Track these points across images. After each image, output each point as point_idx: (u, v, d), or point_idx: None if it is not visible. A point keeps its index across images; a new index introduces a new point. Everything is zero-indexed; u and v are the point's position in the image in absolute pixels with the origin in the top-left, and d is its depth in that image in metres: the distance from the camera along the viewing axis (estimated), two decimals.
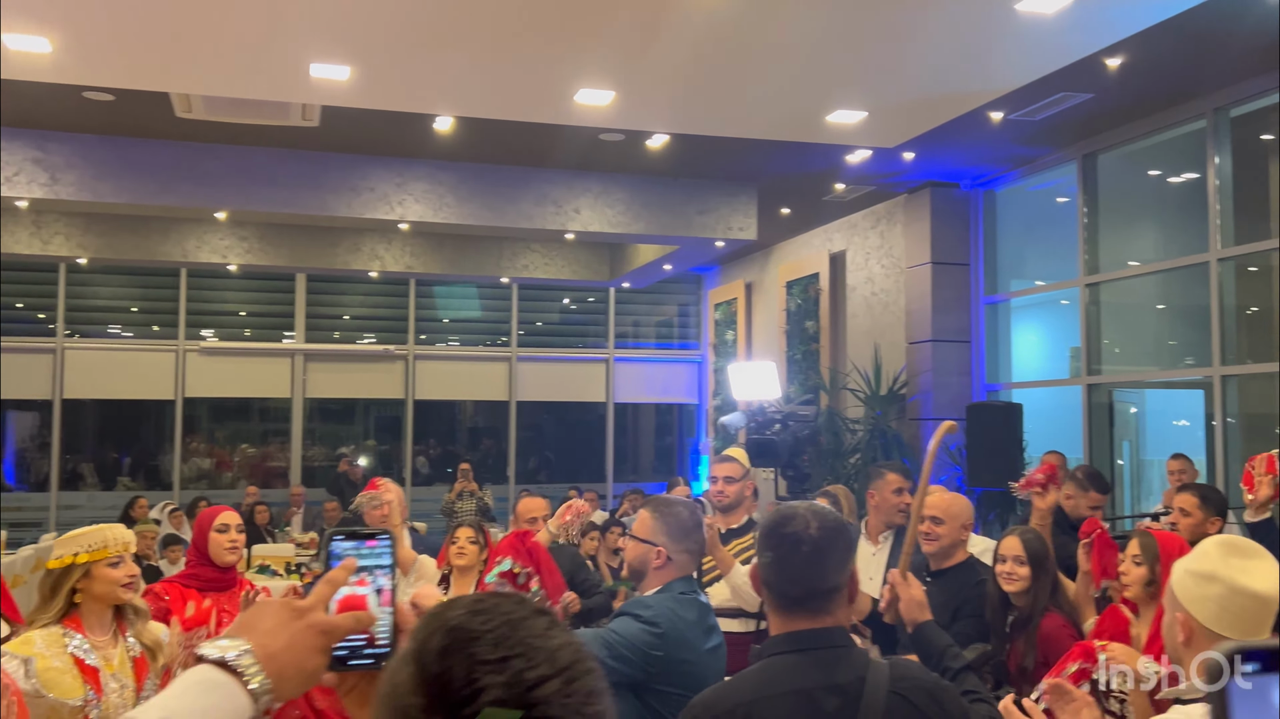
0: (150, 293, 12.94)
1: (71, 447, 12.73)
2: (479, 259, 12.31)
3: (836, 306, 10.84)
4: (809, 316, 11.09)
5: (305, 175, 8.83)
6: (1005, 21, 5.62)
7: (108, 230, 11.05)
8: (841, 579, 2.00)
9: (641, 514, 3.08)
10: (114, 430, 13.54)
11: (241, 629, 1.07)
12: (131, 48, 6.14)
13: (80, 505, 12.78)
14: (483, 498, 10.41)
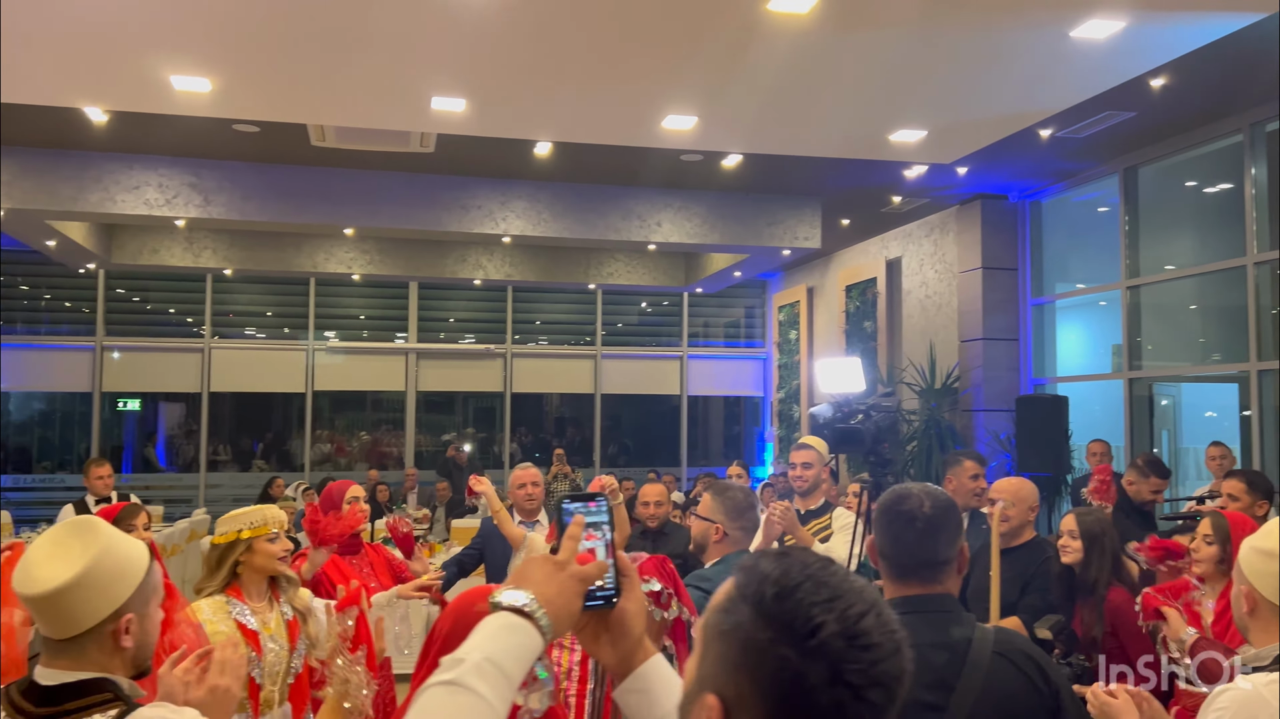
0: (283, 299, 13.26)
1: (213, 434, 13.09)
2: (569, 268, 12.41)
3: (893, 308, 10.73)
4: (867, 317, 10.99)
5: (421, 195, 8.98)
6: (1060, 47, 5.52)
7: (249, 245, 11.35)
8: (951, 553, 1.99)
9: (704, 496, 3.21)
10: (249, 420, 13.90)
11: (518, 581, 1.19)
12: (278, 86, 6.30)
13: (223, 485, 13.16)
14: (575, 479, 10.51)
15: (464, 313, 13.91)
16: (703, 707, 0.96)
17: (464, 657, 1.09)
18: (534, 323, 14.04)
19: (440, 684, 1.09)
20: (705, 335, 14.50)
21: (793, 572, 0.96)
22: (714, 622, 0.98)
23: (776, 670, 0.91)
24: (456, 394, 14.37)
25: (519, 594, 1.16)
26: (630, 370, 14.02)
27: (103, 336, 12.52)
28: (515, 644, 1.12)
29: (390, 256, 11.78)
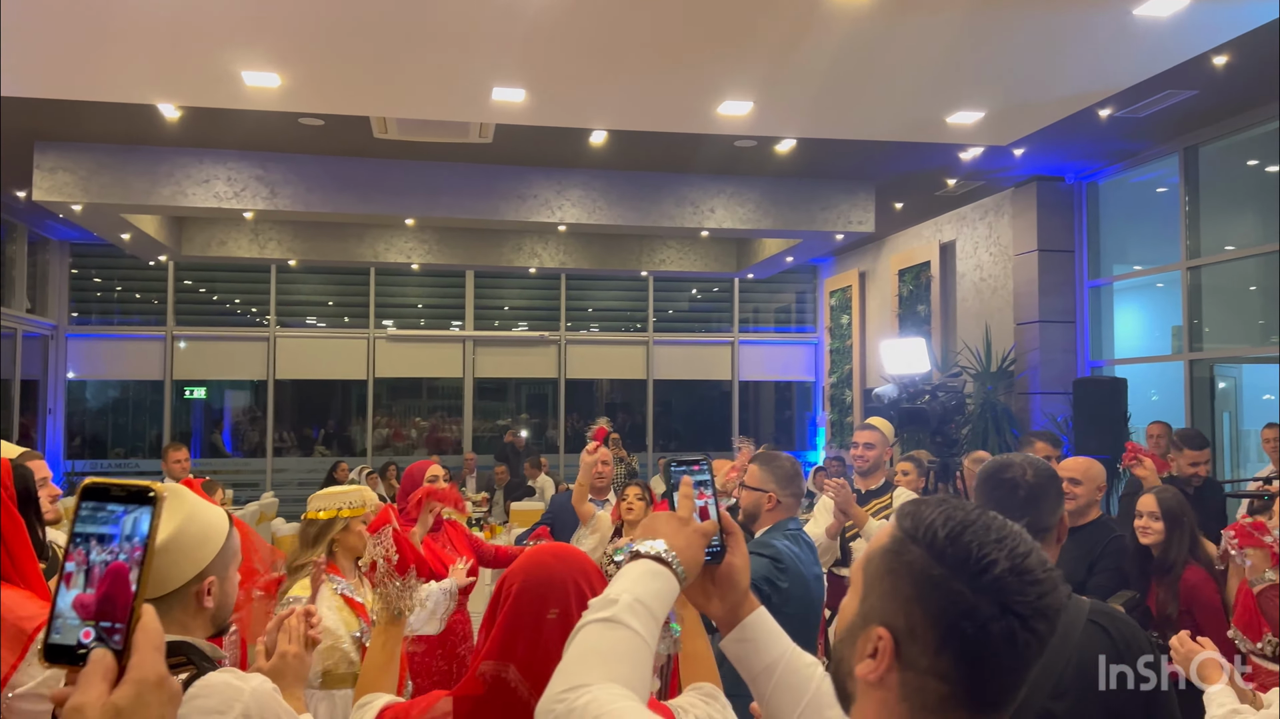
0: (344, 289, 13.47)
1: (278, 420, 13.35)
2: (622, 255, 12.44)
3: (947, 292, 10.62)
4: (920, 301, 10.90)
5: (479, 185, 9.06)
6: (1122, 25, 5.42)
7: (312, 236, 11.54)
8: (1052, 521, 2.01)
9: (751, 468, 3.29)
10: (311, 406, 14.16)
11: (648, 533, 1.28)
12: (343, 79, 6.41)
13: (288, 469, 13.43)
14: (630, 462, 10.54)
15: (519, 301, 14.02)
16: (869, 638, 1.04)
17: (616, 597, 1.18)
18: (587, 310, 14.11)
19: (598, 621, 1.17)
20: (756, 321, 14.47)
21: (959, 515, 1.04)
22: (880, 562, 1.06)
23: (950, 603, 1.00)
24: (510, 380, 14.50)
25: (657, 543, 1.26)
26: (682, 356, 14.04)
27: (173, 326, 12.82)
28: (659, 588, 1.22)
29: (448, 246, 11.91)
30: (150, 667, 0.86)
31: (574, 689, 1.11)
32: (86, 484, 0.90)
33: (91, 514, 0.89)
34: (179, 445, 7.74)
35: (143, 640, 0.87)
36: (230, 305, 13.52)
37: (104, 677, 0.85)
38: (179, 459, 7.52)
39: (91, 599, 0.87)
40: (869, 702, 1.05)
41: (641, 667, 1.16)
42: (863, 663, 1.05)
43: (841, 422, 12.69)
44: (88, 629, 0.87)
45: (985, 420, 8.77)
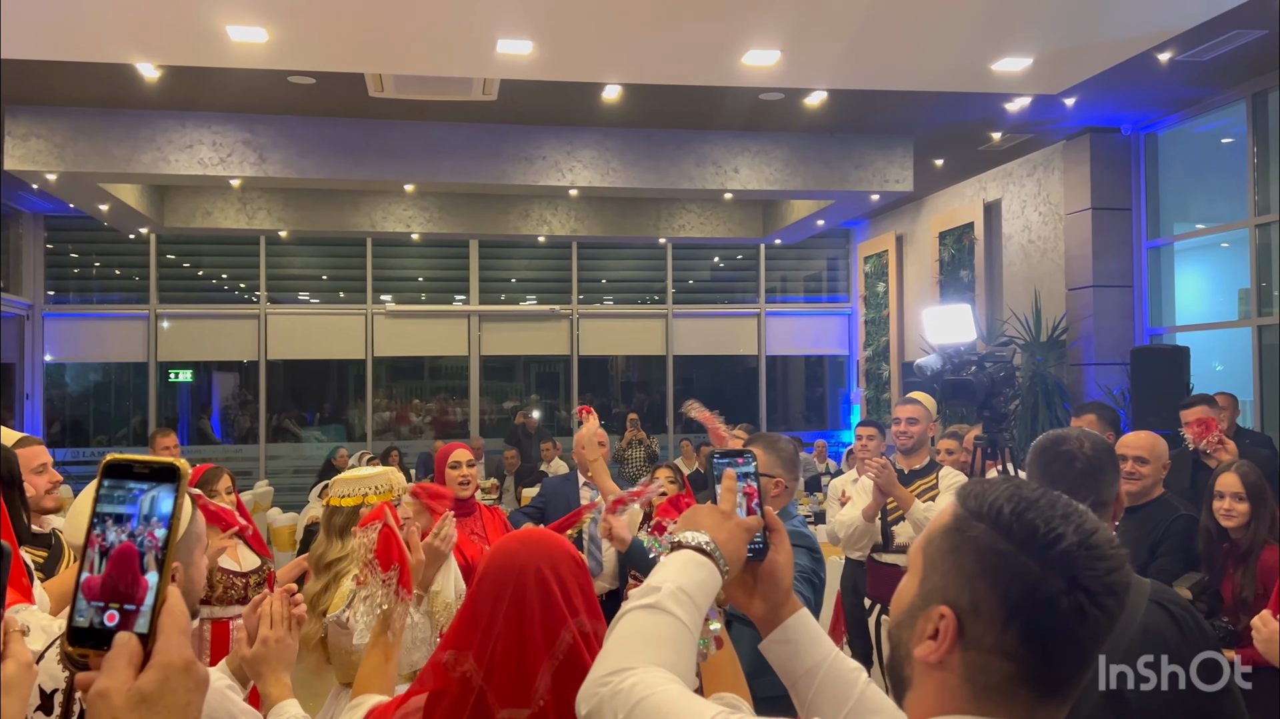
0: (338, 261, 13.52)
1: (270, 404, 13.43)
2: (638, 220, 12.42)
3: (992, 255, 10.56)
4: (963, 266, 10.84)
5: (484, 146, 9.06)
6: None
7: (304, 205, 11.58)
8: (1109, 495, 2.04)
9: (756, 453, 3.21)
10: (304, 389, 14.25)
11: (688, 525, 1.35)
12: (335, 33, 6.40)
13: (282, 456, 13.55)
14: (650, 445, 10.60)
15: (527, 272, 14.03)
16: (930, 618, 1.09)
17: (659, 585, 1.25)
18: (600, 281, 14.11)
19: (641, 608, 1.23)
20: (784, 290, 14.44)
21: (1024, 492, 1.10)
22: (941, 541, 1.12)
23: (1017, 578, 1.05)
24: (519, 358, 14.55)
25: (700, 534, 1.32)
26: (704, 330, 14.04)
27: (156, 305, 12.90)
28: (701, 578, 1.28)
29: (450, 214, 11.92)
30: (177, 651, 0.89)
31: (618, 672, 1.16)
32: (108, 461, 0.92)
33: (110, 493, 0.91)
34: (167, 431, 7.80)
35: (168, 624, 0.90)
36: (217, 281, 13.59)
37: (129, 661, 0.87)
38: (167, 446, 7.57)
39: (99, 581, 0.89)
40: (928, 685, 1.09)
41: (685, 654, 1.21)
42: (922, 644, 1.09)
43: (878, 398, 12.67)
44: (112, 612, 0.89)
45: (1035, 394, 8.75)
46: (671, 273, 13.92)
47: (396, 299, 13.55)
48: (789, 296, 14.45)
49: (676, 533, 1.33)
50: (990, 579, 1.06)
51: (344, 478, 3.19)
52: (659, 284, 14.03)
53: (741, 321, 14.13)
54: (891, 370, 12.40)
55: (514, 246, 13.59)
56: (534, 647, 1.61)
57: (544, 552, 1.69)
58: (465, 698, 1.61)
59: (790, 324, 14.17)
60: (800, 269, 14.46)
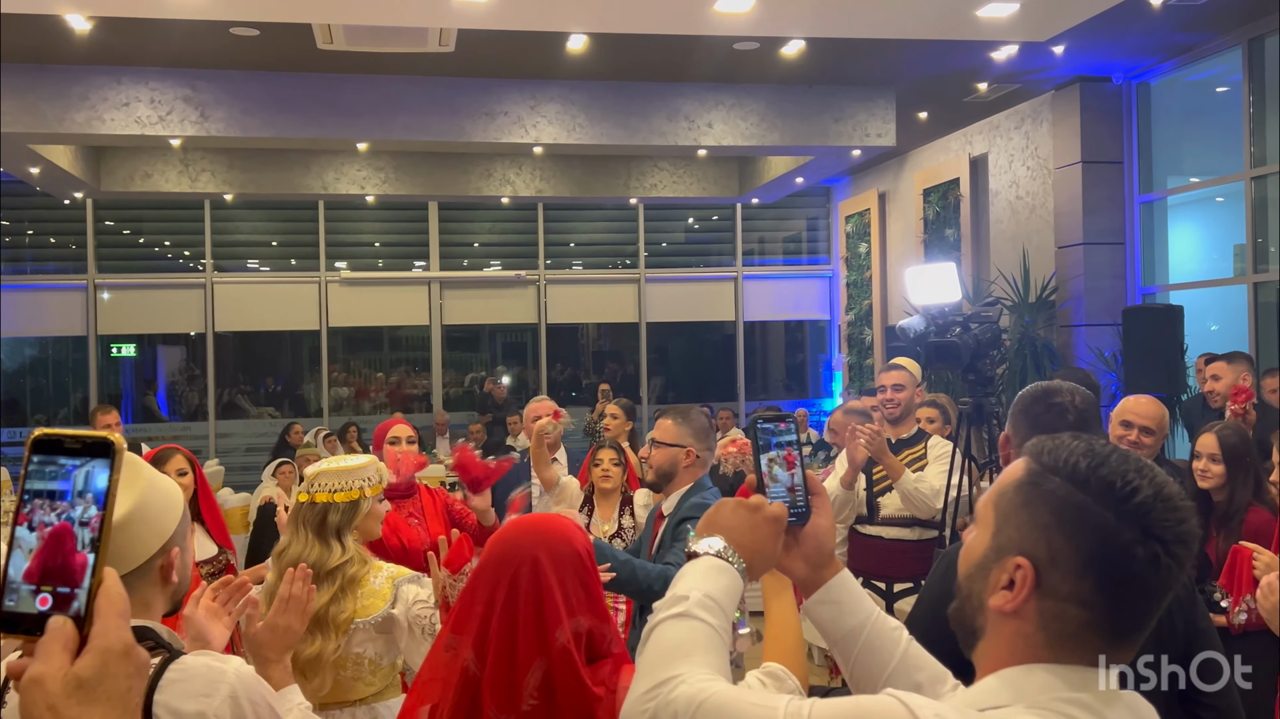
0: (289, 226, 13.41)
1: (219, 378, 13.33)
2: (607, 180, 12.38)
3: (978, 213, 10.62)
4: (948, 224, 10.89)
5: (441, 102, 8.97)
6: None
7: (251, 166, 11.44)
8: None
9: (663, 423, 3.45)
10: (255, 362, 14.16)
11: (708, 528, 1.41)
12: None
13: (233, 434, 13.47)
14: None
15: (490, 236, 13.97)
16: (1005, 569, 1.18)
17: (686, 594, 1.32)
18: (569, 245, 14.07)
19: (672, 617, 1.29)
20: (762, 252, 14.46)
21: (1097, 447, 1.19)
22: (1014, 495, 1.21)
23: (1094, 529, 1.14)
24: (484, 327, 14.52)
25: (714, 541, 1.39)
26: (678, 295, 14.05)
27: (94, 274, 12.75)
28: (725, 584, 1.35)
29: (407, 174, 11.83)
30: (115, 634, 0.88)
31: (663, 684, 1.21)
32: (36, 436, 0.91)
33: (40, 469, 0.90)
34: (108, 409, 7.74)
35: (105, 606, 0.89)
36: (160, 249, 13.44)
37: (65, 646, 0.87)
38: (109, 424, 7.52)
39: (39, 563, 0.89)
40: (1001, 633, 1.19)
41: (723, 658, 1.28)
42: (997, 594, 1.18)
43: (860, 364, 12.75)
44: (45, 595, 0.88)
45: (1024, 357, 8.82)
46: (643, 235, 13.90)
47: (352, 266, 13.45)
48: (767, 259, 14.47)
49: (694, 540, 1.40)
50: (1067, 531, 1.15)
51: (329, 469, 3.00)
52: (630, 247, 14.01)
53: (718, 286, 14.15)
54: (875, 335, 12.46)
55: (476, 209, 13.51)
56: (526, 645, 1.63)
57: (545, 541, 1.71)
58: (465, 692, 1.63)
59: (769, 288, 14.20)
60: (779, 230, 14.47)
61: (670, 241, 14.43)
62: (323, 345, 13.32)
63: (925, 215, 11.34)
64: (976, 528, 1.25)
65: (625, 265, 14.10)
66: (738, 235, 14.07)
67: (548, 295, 13.74)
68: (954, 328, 4.30)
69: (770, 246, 14.53)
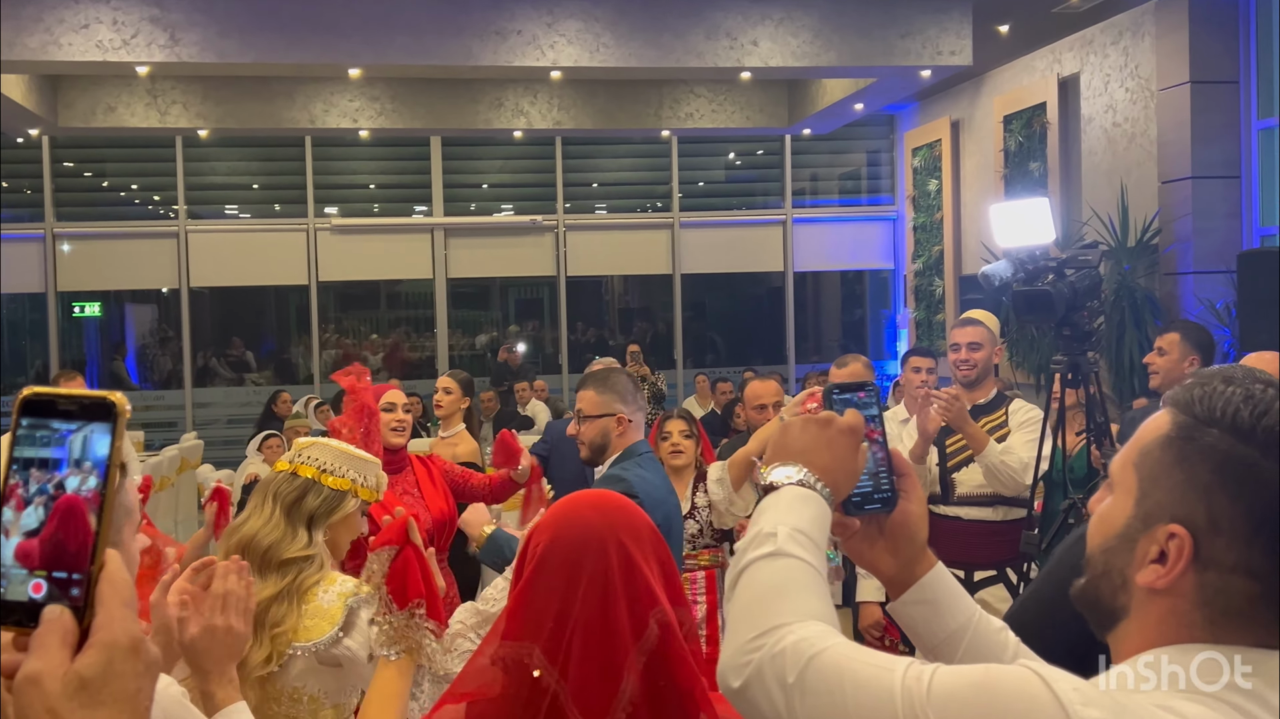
0: (272, 166, 13.44)
1: (195, 340, 13.42)
2: (636, 110, 12.29)
3: (1068, 143, 10.48)
4: (1033, 157, 10.77)
5: (444, 19, 8.91)
6: None
7: (228, 97, 11.44)
8: None
9: (584, 394, 3.56)
10: (235, 321, 14.24)
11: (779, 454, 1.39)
12: None
13: (214, 403, 13.61)
14: (656, 383, 10.61)
15: (501, 176, 13.97)
16: (1155, 539, 1.17)
17: (772, 529, 1.30)
18: (591, 186, 14.05)
19: (762, 558, 1.28)
20: (815, 192, 14.37)
21: (1257, 390, 1.18)
22: (1162, 453, 1.19)
23: (1264, 486, 1.13)
24: (495, 281, 14.54)
25: (790, 469, 1.37)
26: (717, 242, 13.99)
27: (52, 223, 12.83)
28: (814, 514, 1.33)
29: (406, 105, 11.79)
30: (120, 627, 0.87)
31: (769, 632, 1.21)
32: (25, 395, 0.90)
33: (30, 434, 0.89)
34: (72, 374, 7.84)
35: (109, 594, 0.88)
36: (126, 193, 13.51)
37: (63, 640, 0.86)
38: None
39: (37, 544, 0.88)
40: (1150, 613, 1.18)
41: (826, 600, 1.27)
42: (1146, 569, 1.17)
43: (929, 321, 12.66)
44: (38, 581, 0.88)
45: (1121, 309, 8.72)
46: (677, 173, 13.81)
47: (343, 211, 13.49)
48: (821, 199, 14.38)
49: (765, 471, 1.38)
50: (1232, 490, 1.14)
51: (326, 445, 2.87)
52: (662, 188, 13.94)
53: (763, 231, 14.06)
54: (946, 286, 12.36)
55: (485, 145, 13.49)
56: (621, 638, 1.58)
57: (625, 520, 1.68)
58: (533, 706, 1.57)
59: (823, 233, 14.09)
60: (835, 165, 14.36)
61: (708, 180, 14.35)
62: (312, 302, 13.36)
63: (1006, 147, 11.21)
64: (1113, 494, 1.24)
65: (657, 209, 14.04)
66: (787, 172, 13.95)
67: (567, 244, 13.71)
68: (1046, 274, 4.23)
69: (824, 185, 14.43)
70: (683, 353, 13.96)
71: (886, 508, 1.45)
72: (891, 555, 1.45)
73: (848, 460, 1.39)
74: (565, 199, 13.70)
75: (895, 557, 1.45)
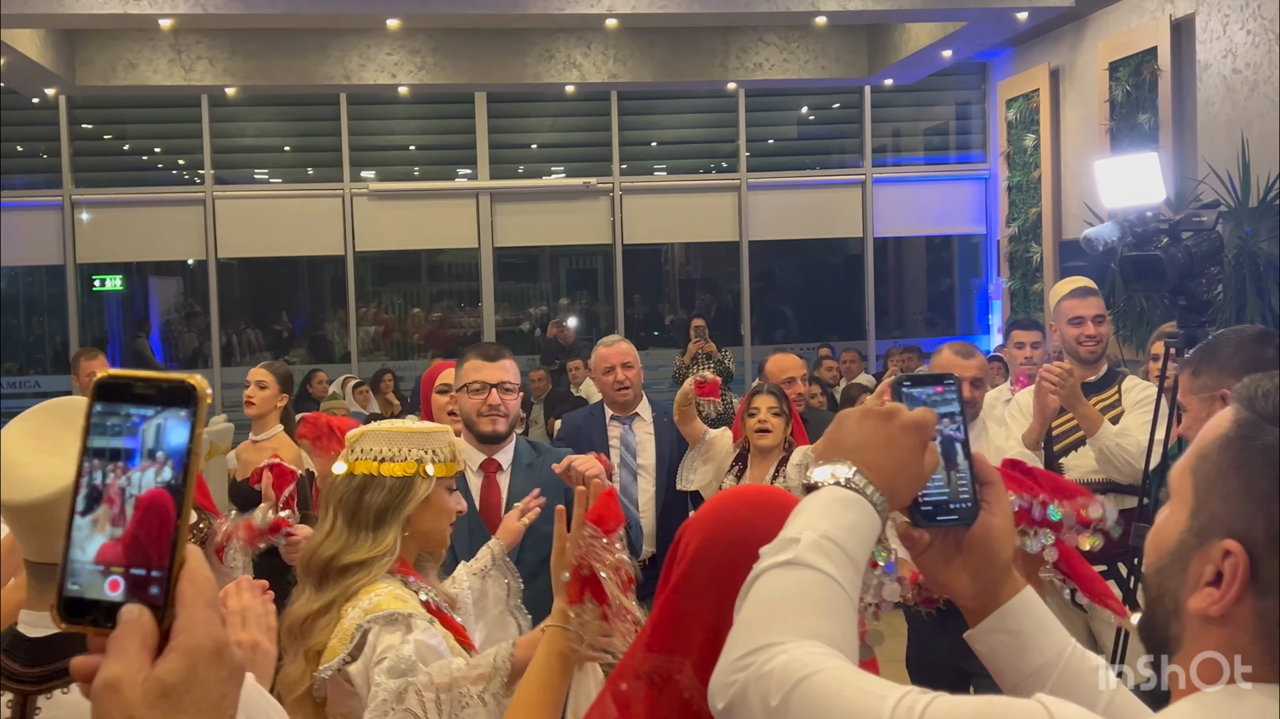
0: (305, 126, 13.52)
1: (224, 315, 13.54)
2: (699, 60, 12.25)
3: (1182, 92, 10.31)
4: (1142, 108, 10.61)
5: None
6: None
7: (256, 52, 11.53)
8: None
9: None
10: (265, 295, 14.37)
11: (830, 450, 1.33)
12: None
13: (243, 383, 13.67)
14: (723, 361, 10.58)
15: (552, 135, 13.96)
16: (1209, 557, 1.10)
17: (796, 535, 1.25)
18: (650, 145, 14.02)
19: (777, 566, 1.24)
20: (898, 149, 14.26)
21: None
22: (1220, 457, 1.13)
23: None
24: (544, 250, 14.56)
25: (840, 468, 1.30)
26: (789, 205, 13.92)
27: (70, 189, 13.01)
28: (853, 520, 1.26)
29: (449, 58, 11.83)
30: (203, 630, 0.89)
31: (759, 649, 1.17)
32: (100, 378, 0.92)
33: (102, 421, 0.91)
34: (94, 353, 7.98)
35: (190, 593, 0.89)
36: (149, 157, 13.66)
37: (143, 643, 0.87)
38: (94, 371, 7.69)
39: (119, 541, 0.89)
40: (1204, 643, 1.11)
41: (844, 619, 1.22)
42: (1199, 594, 1.11)
43: (1025, 290, 12.52)
44: (115, 578, 0.89)
45: (1242, 277, 8.57)
46: (745, 130, 13.74)
47: (381, 175, 13.56)
48: (904, 157, 14.27)
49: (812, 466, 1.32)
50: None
51: (378, 430, 2.75)
52: (728, 146, 13.89)
53: (840, 193, 13.97)
54: (1045, 252, 12.23)
55: (535, 101, 13.50)
56: None
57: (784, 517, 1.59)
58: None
59: (906, 194, 13.98)
60: (920, 120, 14.26)
61: (779, 138, 14.28)
62: (348, 274, 13.47)
63: (1112, 97, 11.05)
64: (1171, 503, 1.17)
65: (722, 169, 14.00)
66: (866, 128, 13.84)
67: (624, 209, 13.70)
68: (1158, 238, 4.16)
69: (909, 141, 14.32)
70: (751, 328, 13.92)
71: (964, 521, 1.37)
72: (970, 576, 1.37)
73: (910, 462, 1.32)
74: (621, 160, 13.69)
75: (974, 578, 1.37)
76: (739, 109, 13.69)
